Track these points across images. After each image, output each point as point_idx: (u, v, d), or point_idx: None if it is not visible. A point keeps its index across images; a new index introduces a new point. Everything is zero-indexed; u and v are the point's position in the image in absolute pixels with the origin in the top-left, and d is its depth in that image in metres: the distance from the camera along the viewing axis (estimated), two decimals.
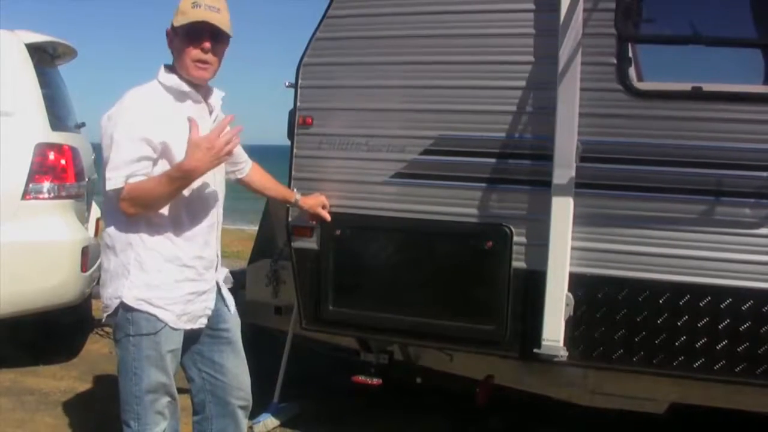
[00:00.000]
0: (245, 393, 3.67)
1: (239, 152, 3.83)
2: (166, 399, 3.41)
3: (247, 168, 3.92)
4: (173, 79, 3.35)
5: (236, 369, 3.64)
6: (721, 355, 3.79)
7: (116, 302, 3.32)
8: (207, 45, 3.32)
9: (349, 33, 4.38)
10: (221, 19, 3.32)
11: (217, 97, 3.50)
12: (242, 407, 3.67)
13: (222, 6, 3.36)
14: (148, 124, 3.23)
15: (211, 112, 3.46)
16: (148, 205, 3.24)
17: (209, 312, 3.50)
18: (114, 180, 3.21)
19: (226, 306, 3.62)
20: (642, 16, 4.13)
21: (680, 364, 3.86)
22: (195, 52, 3.31)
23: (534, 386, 4.48)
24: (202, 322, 3.48)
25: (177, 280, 3.35)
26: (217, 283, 3.56)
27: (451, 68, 4.20)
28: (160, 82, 3.36)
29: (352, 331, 4.63)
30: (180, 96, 3.36)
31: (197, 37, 3.31)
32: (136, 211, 3.23)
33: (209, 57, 3.33)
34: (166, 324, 3.32)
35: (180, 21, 3.30)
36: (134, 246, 3.30)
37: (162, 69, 3.39)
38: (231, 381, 3.62)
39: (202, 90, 3.42)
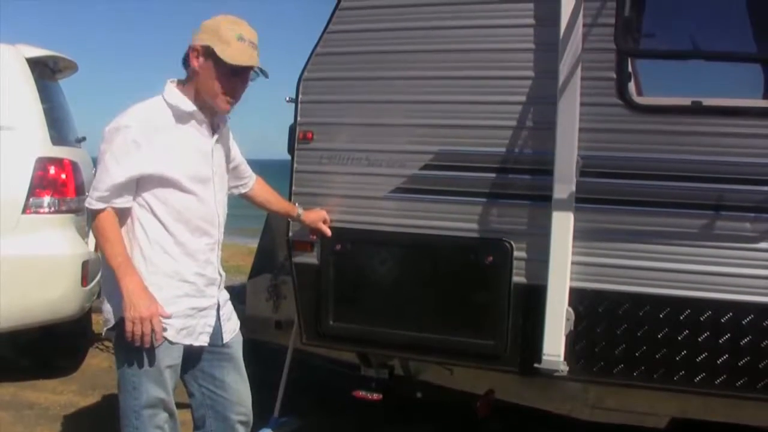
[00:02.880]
0: (246, 409, 3.67)
1: (244, 168, 3.85)
2: (164, 414, 3.41)
3: (251, 182, 3.93)
4: (178, 98, 3.35)
5: (237, 385, 3.64)
6: (722, 370, 3.78)
7: (116, 317, 3.33)
8: (245, 85, 3.39)
9: (349, 48, 4.39)
10: (259, 59, 3.37)
11: (222, 118, 3.52)
12: (242, 423, 3.66)
13: (256, 41, 3.38)
14: (140, 149, 3.24)
15: (213, 132, 3.47)
16: (99, 244, 3.38)
17: (210, 329, 3.50)
18: (91, 201, 3.30)
19: (230, 323, 3.64)
20: (641, 31, 4.14)
21: (681, 379, 3.85)
22: (230, 89, 3.34)
23: (535, 401, 4.47)
24: (203, 340, 3.48)
25: (177, 296, 3.36)
26: (219, 301, 3.56)
27: (451, 83, 4.20)
28: (165, 99, 3.36)
29: (353, 346, 4.62)
30: (183, 116, 3.36)
31: (239, 76, 3.35)
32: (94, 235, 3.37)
33: (238, 94, 3.39)
34: (165, 339, 3.32)
35: (226, 54, 3.27)
36: (135, 262, 3.30)
37: (168, 85, 3.39)
38: (231, 397, 3.62)
39: (207, 110, 3.42)
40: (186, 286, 3.38)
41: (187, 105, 3.34)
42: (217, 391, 3.60)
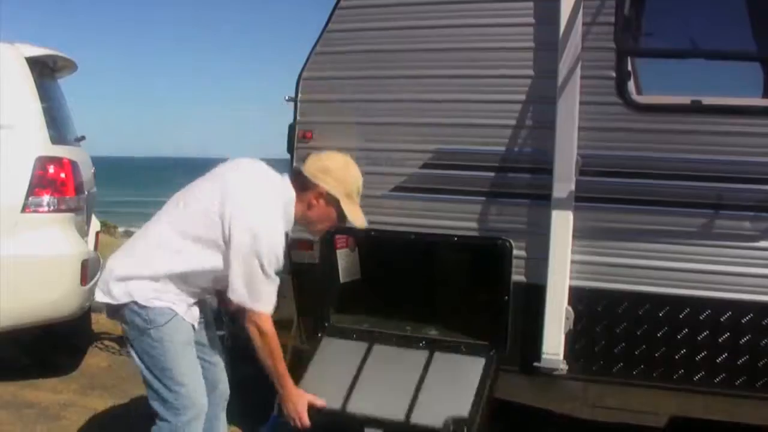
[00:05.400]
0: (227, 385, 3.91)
1: None
2: (200, 386, 3.62)
3: None
4: (290, 219, 3.63)
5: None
6: (721, 368, 3.80)
7: (126, 298, 3.50)
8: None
9: (348, 47, 4.40)
10: None
11: None
12: (225, 399, 3.90)
13: None
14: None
15: None
16: (265, 353, 3.63)
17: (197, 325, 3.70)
18: (267, 306, 3.59)
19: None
20: (641, 30, 4.14)
21: (680, 377, 3.86)
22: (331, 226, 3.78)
23: (534, 400, 4.47)
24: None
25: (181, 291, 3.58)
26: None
27: (450, 82, 4.21)
28: (285, 211, 3.59)
29: None
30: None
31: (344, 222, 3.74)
32: (255, 338, 3.59)
33: None
34: (177, 313, 3.53)
35: (352, 216, 3.66)
36: (163, 281, 3.52)
37: (291, 198, 3.62)
38: (220, 366, 3.86)
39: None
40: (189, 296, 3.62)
41: (290, 226, 3.65)
42: (211, 363, 3.81)
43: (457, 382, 4.04)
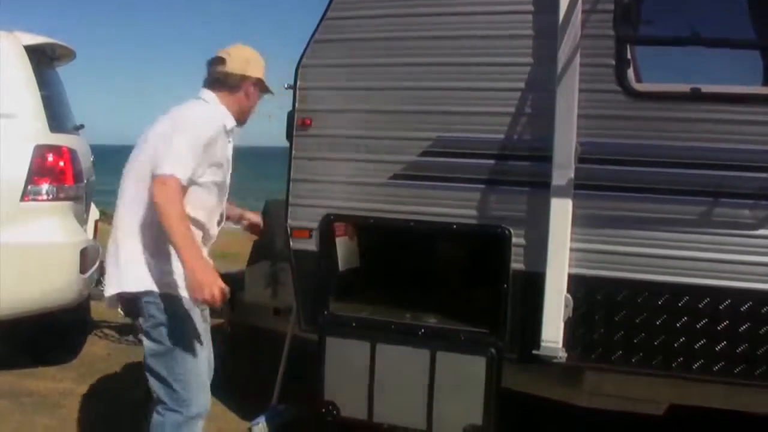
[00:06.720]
0: None
1: None
2: (206, 385, 3.70)
3: None
4: (227, 116, 3.78)
5: None
6: (719, 356, 3.79)
7: (139, 287, 3.57)
8: None
9: (348, 35, 4.38)
10: None
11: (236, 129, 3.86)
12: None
13: None
14: (210, 141, 3.63)
15: (229, 141, 3.84)
16: (173, 215, 3.43)
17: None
18: (178, 170, 3.47)
19: None
20: (640, 18, 4.13)
21: (679, 365, 3.86)
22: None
23: (533, 388, 4.48)
24: None
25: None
26: None
27: (449, 70, 4.20)
28: (216, 111, 3.76)
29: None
30: (229, 131, 3.80)
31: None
32: (158, 201, 3.43)
33: None
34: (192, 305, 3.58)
35: (268, 84, 3.91)
36: (156, 238, 3.53)
37: (215, 99, 3.80)
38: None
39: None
40: None
41: (233, 122, 3.81)
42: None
43: (465, 383, 4.11)
